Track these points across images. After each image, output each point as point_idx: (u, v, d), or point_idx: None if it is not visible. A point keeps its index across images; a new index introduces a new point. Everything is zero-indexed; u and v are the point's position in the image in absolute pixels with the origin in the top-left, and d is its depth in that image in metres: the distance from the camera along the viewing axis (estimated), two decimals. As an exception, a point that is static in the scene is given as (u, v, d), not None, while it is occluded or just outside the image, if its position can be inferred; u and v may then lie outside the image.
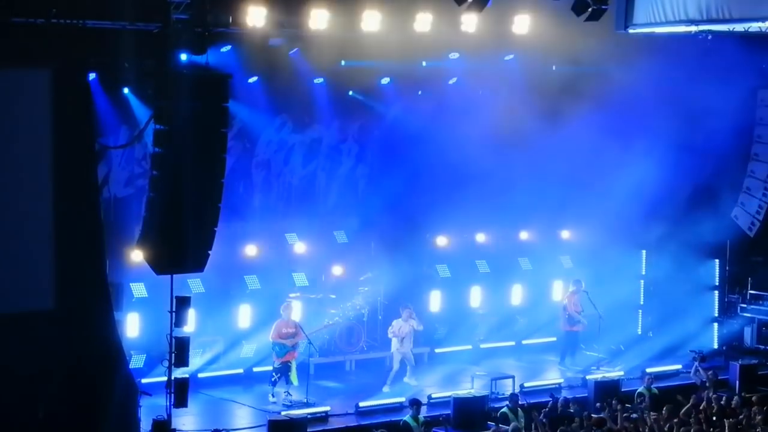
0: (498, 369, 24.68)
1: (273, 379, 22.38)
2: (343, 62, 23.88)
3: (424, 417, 20.74)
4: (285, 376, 22.29)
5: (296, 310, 23.23)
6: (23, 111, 18.21)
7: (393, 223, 25.56)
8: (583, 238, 27.37)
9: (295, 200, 25.67)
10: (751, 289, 27.79)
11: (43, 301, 18.43)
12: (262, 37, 21.63)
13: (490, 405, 21.83)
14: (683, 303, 27.55)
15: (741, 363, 24.79)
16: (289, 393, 22.15)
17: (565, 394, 22.34)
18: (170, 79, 19.13)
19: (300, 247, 25.05)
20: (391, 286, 25.07)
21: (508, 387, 23.07)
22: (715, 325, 27.76)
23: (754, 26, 21.44)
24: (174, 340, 19.31)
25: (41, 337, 18.15)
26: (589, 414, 20.39)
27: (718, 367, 25.21)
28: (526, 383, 23.51)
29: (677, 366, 25.22)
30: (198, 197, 19.25)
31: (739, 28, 21.71)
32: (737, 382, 24.14)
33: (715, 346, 27.43)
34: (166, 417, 19.11)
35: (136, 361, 21.97)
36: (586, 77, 25.53)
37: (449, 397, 21.75)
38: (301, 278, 24.50)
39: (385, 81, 25.16)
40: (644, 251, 28.09)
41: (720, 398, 21.74)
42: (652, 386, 22.78)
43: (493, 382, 23.03)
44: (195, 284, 22.53)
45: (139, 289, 22.46)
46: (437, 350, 25.96)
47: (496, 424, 20.13)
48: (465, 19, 22.35)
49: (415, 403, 20.68)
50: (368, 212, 25.48)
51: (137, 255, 20.55)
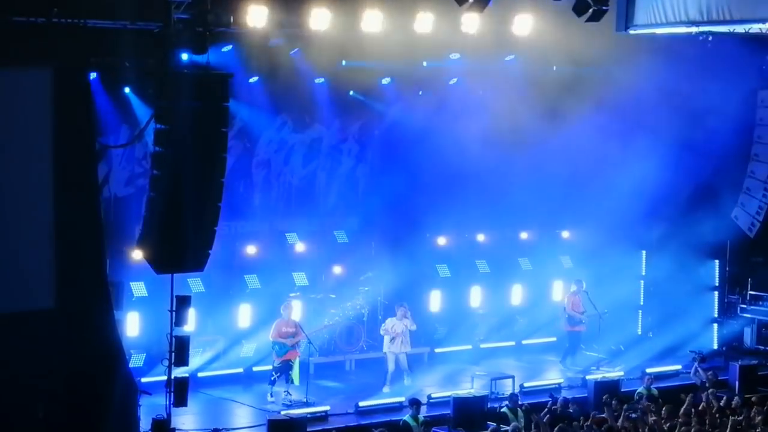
0: (498, 369, 24.68)
1: (272, 379, 22.39)
2: (343, 62, 23.90)
3: (424, 417, 20.74)
4: (285, 376, 22.28)
5: (296, 310, 23.24)
6: (23, 111, 18.19)
7: (393, 223, 25.59)
8: (583, 238, 27.38)
9: (296, 200, 25.69)
10: (751, 290, 27.78)
11: (43, 301, 18.41)
12: (262, 37, 21.64)
13: (490, 405, 21.83)
14: (683, 303, 27.55)
15: (741, 363, 24.78)
16: (288, 392, 22.15)
17: (565, 394, 22.35)
18: (171, 78, 19.12)
19: (300, 246, 25.06)
20: (391, 286, 25.07)
21: (508, 387, 23.08)
22: (715, 325, 27.76)
23: (754, 27, 21.43)
24: (174, 339, 19.30)
25: (41, 337, 18.13)
26: (589, 414, 20.41)
27: (718, 367, 25.22)
28: (526, 383, 23.51)
29: (677, 366, 25.22)
30: (198, 197, 19.22)
31: (739, 29, 21.70)
32: (737, 382, 24.13)
33: (715, 346, 27.43)
34: (165, 416, 19.10)
35: (136, 361, 22.00)
36: (586, 78, 25.57)
37: (449, 397, 21.74)
38: (301, 278, 24.51)
39: (385, 81, 25.19)
40: (644, 251, 28.11)
41: (720, 399, 21.75)
42: (652, 386, 22.78)
43: (493, 382, 23.03)
44: (195, 283, 22.53)
45: (139, 289, 22.48)
46: (437, 350, 25.97)
47: (497, 423, 20.12)
48: (466, 19, 22.30)
49: (415, 402, 20.69)
50: (368, 212, 25.49)
51: (137, 254, 20.57)
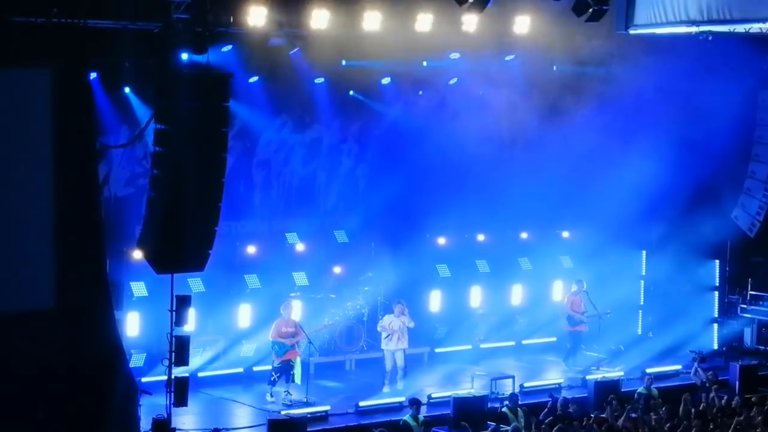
0: (498, 369, 24.67)
1: (272, 379, 22.37)
2: (343, 62, 23.93)
3: (424, 417, 20.73)
4: (285, 376, 22.27)
5: (296, 310, 23.23)
6: (23, 111, 18.16)
7: (393, 223, 25.60)
8: (583, 238, 27.35)
9: (296, 200, 25.70)
10: (751, 290, 27.77)
11: (44, 300, 18.39)
12: (262, 37, 21.67)
13: (490, 405, 21.82)
14: (683, 303, 27.55)
15: (741, 364, 24.77)
16: (288, 392, 22.14)
17: (565, 394, 22.35)
18: (171, 78, 19.11)
19: (300, 246, 25.06)
20: (391, 286, 25.06)
21: (508, 387, 23.07)
22: (715, 325, 27.73)
23: (754, 27, 21.45)
24: (174, 339, 19.29)
25: (41, 336, 18.11)
26: (588, 414, 20.41)
27: (718, 367, 25.20)
28: (526, 383, 23.50)
29: (677, 366, 25.20)
30: (198, 197, 19.21)
31: (740, 29, 21.71)
32: (737, 382, 24.11)
33: (715, 346, 27.41)
34: (166, 416, 19.09)
35: (137, 360, 22.01)
36: (586, 77, 25.59)
37: (449, 396, 21.73)
38: (301, 278, 24.50)
39: (385, 81, 25.20)
40: (644, 251, 28.09)
41: (720, 399, 21.76)
42: (652, 386, 22.78)
43: (493, 382, 23.02)
44: (195, 283, 22.51)
45: (139, 288, 22.49)
46: (437, 350, 25.96)
47: (496, 423, 20.12)
48: (466, 19, 22.38)
49: (415, 402, 20.67)
50: (368, 212, 25.47)
51: (137, 254, 20.57)
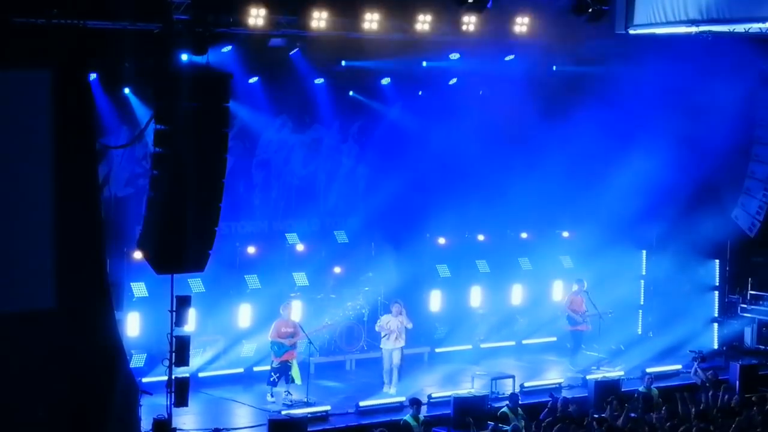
0: (498, 369, 24.67)
1: (272, 379, 22.36)
2: (343, 62, 23.97)
3: (424, 416, 20.74)
4: (284, 376, 22.26)
5: (296, 310, 23.23)
6: (23, 111, 18.17)
7: (393, 223, 25.62)
8: (584, 238, 27.35)
9: (296, 200, 25.72)
10: (751, 290, 27.76)
11: (44, 301, 18.39)
12: (262, 38, 21.68)
13: (490, 405, 21.81)
14: (683, 303, 27.56)
15: (741, 363, 24.76)
16: (289, 392, 22.14)
17: (565, 394, 22.36)
18: (171, 79, 19.11)
19: (300, 246, 25.06)
20: (391, 286, 25.06)
21: (508, 387, 23.08)
22: (716, 325, 27.73)
23: (754, 27, 21.44)
24: (174, 339, 19.30)
25: (41, 337, 18.13)
26: (588, 414, 20.41)
27: (718, 367, 25.20)
28: (526, 383, 23.50)
29: (677, 366, 25.19)
30: (198, 197, 19.22)
31: (739, 28, 21.71)
32: (737, 382, 24.09)
33: (716, 346, 27.40)
34: (166, 416, 19.10)
35: (137, 361, 22.02)
36: (586, 77, 25.59)
37: (449, 396, 21.74)
38: (301, 278, 24.50)
39: (385, 81, 25.23)
40: (644, 251, 28.10)
41: (720, 398, 21.75)
42: (652, 386, 22.78)
43: (493, 382, 23.02)
44: (195, 284, 22.52)
45: (139, 289, 22.52)
46: (437, 350, 25.97)
47: (495, 423, 20.12)
48: (465, 19, 22.41)
49: (416, 402, 20.67)
50: (368, 212, 25.47)
51: (137, 254, 20.57)
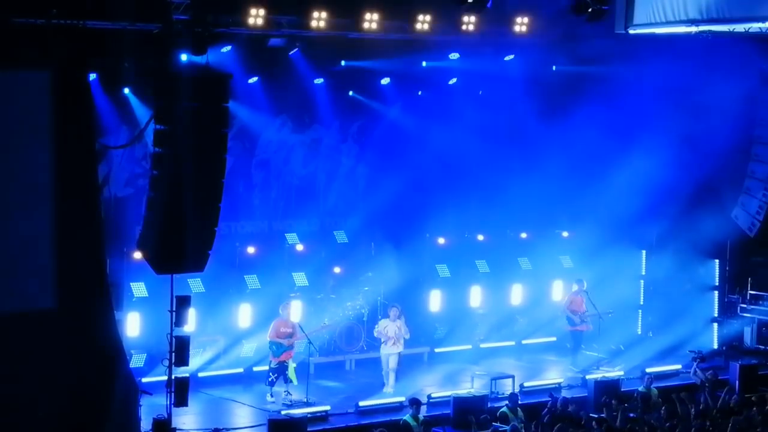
0: (498, 369, 24.66)
1: (270, 379, 22.35)
2: (343, 62, 23.97)
3: (424, 416, 20.74)
4: (282, 376, 22.27)
5: (295, 310, 23.21)
6: (23, 111, 18.18)
7: (393, 223, 25.63)
8: (583, 238, 27.35)
9: (295, 200, 25.72)
10: (751, 290, 27.74)
11: (44, 301, 18.40)
12: (262, 38, 21.69)
13: (490, 405, 21.81)
14: (683, 303, 27.55)
15: (741, 363, 24.76)
16: (289, 392, 22.14)
17: (565, 394, 22.36)
18: (170, 79, 19.10)
19: (300, 246, 25.05)
20: (391, 286, 25.07)
21: (508, 387, 23.08)
22: (715, 325, 27.72)
23: (754, 26, 21.44)
24: (174, 339, 19.29)
25: (41, 337, 18.13)
26: (588, 414, 20.41)
27: (718, 367, 25.19)
28: (526, 383, 23.49)
29: (677, 366, 25.17)
30: (198, 197, 19.22)
31: (739, 28, 21.70)
32: (737, 382, 24.10)
33: (715, 346, 27.39)
34: (166, 416, 19.10)
35: (137, 361, 22.02)
36: (586, 77, 25.58)
37: (449, 396, 21.74)
38: (301, 278, 24.49)
39: (385, 81, 25.23)
40: (644, 251, 28.09)
41: (720, 398, 21.75)
42: (651, 386, 22.78)
43: (493, 381, 23.02)
44: (195, 284, 22.53)
45: (139, 289, 22.52)
46: (437, 350, 25.95)
47: (494, 422, 20.13)
48: (465, 19, 22.44)
49: (415, 402, 20.68)
50: (368, 212, 25.48)
51: (137, 254, 20.57)
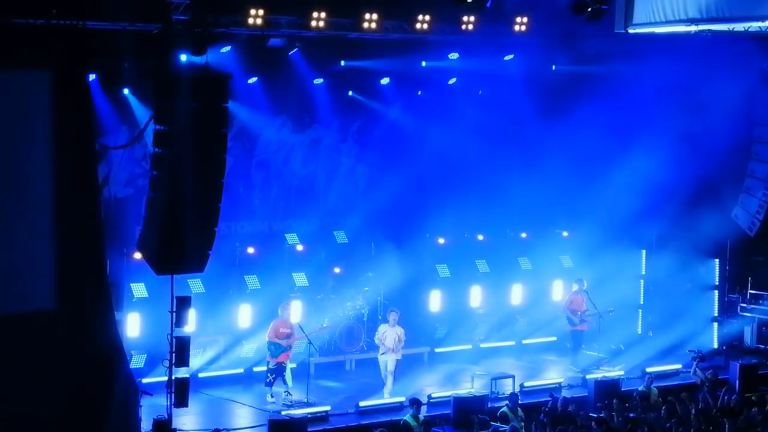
0: (498, 369, 24.66)
1: (268, 380, 22.32)
2: (342, 62, 23.97)
3: (424, 416, 20.73)
4: (281, 377, 22.26)
5: (294, 311, 23.20)
6: (23, 111, 18.18)
7: (393, 223, 25.62)
8: (583, 238, 27.34)
9: (295, 200, 25.72)
10: (751, 289, 27.75)
11: (44, 301, 18.41)
12: (261, 38, 21.68)
13: (490, 405, 21.81)
14: (683, 303, 27.55)
15: (741, 363, 24.75)
16: (289, 393, 22.14)
17: (565, 394, 22.36)
18: (170, 79, 19.11)
19: (300, 246, 25.04)
20: (391, 286, 25.07)
21: (508, 387, 23.08)
22: (715, 324, 27.73)
23: (754, 26, 21.44)
24: (174, 339, 19.31)
25: (42, 338, 18.14)
26: (588, 413, 20.41)
27: (718, 366, 25.18)
28: (526, 383, 23.49)
29: (677, 366, 25.17)
30: (198, 197, 19.23)
31: (739, 27, 21.70)
32: (737, 381, 24.10)
33: (716, 345, 27.40)
34: (166, 417, 19.11)
35: (137, 361, 22.00)
36: (585, 77, 25.58)
37: (449, 396, 21.74)
38: (301, 278, 24.49)
39: (384, 81, 25.22)
40: (644, 251, 28.10)
41: (720, 398, 21.75)
42: (652, 386, 22.78)
43: (493, 381, 23.03)
44: (195, 284, 22.52)
45: (139, 289, 22.51)
46: (437, 350, 25.95)
47: (494, 422, 20.14)
48: (465, 19, 22.45)
49: (416, 402, 20.68)
50: (368, 212, 25.47)
51: (138, 255, 20.57)
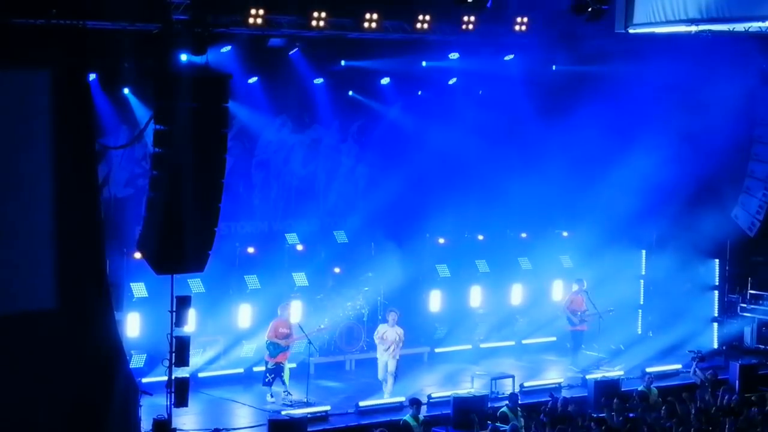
0: (498, 369, 24.67)
1: (267, 380, 22.31)
2: (342, 62, 23.98)
3: (424, 416, 20.73)
4: (279, 377, 22.26)
5: (294, 311, 23.20)
6: (23, 111, 18.18)
7: (393, 223, 25.62)
8: (583, 238, 27.34)
9: (295, 200, 25.73)
10: (751, 289, 27.75)
11: (44, 301, 18.39)
12: (262, 38, 21.69)
13: (490, 405, 21.81)
14: (683, 303, 27.54)
15: (741, 363, 24.76)
16: (289, 392, 22.13)
17: (564, 394, 22.37)
18: (170, 79, 19.11)
19: (300, 246, 25.04)
20: (391, 286, 25.07)
21: (508, 387, 23.08)
22: (715, 324, 27.72)
23: (754, 26, 21.44)
24: (174, 339, 19.31)
25: (41, 337, 18.14)
26: (588, 413, 20.41)
27: (718, 366, 25.19)
28: (526, 383, 23.50)
29: (677, 366, 25.17)
30: (198, 197, 19.23)
31: (739, 27, 21.70)
32: (737, 382, 24.10)
33: (715, 345, 27.39)
34: (166, 416, 19.11)
35: (137, 361, 22.01)
36: (585, 77, 25.58)
37: (449, 396, 21.74)
38: (301, 278, 24.49)
39: (384, 81, 25.23)
40: (644, 251, 28.09)
41: (720, 398, 21.75)
42: (651, 386, 22.77)
43: (493, 381, 23.03)
44: (195, 284, 22.52)
45: (139, 289, 22.52)
46: (437, 350, 25.96)
47: (493, 422, 20.13)
48: (465, 19, 22.45)
49: (415, 402, 20.67)
50: (368, 212, 25.48)
51: (137, 254, 20.57)
